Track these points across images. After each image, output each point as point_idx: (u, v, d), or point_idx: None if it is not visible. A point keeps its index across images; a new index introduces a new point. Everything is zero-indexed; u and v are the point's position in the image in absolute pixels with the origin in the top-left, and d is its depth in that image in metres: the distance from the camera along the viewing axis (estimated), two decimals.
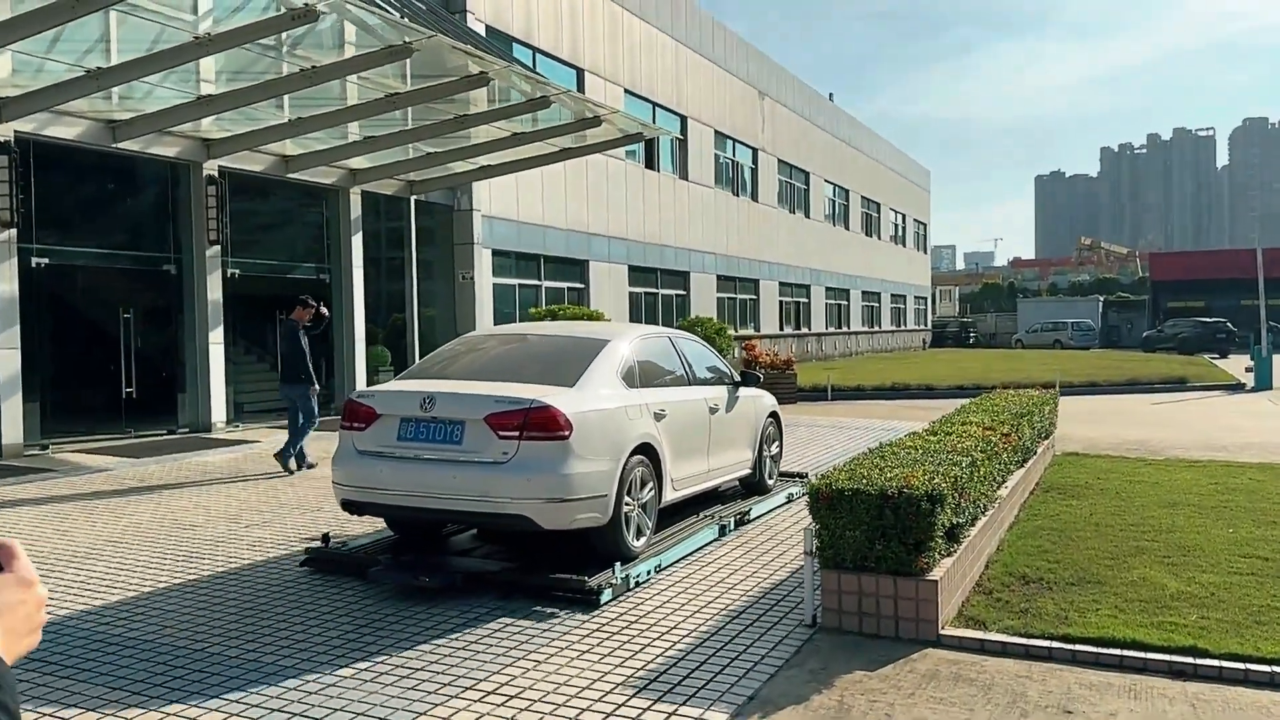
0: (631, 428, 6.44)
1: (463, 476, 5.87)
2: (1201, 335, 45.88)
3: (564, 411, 5.91)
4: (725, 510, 7.85)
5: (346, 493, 6.32)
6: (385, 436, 6.12)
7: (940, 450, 6.72)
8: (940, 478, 5.65)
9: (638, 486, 6.47)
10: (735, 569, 6.66)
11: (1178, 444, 13.59)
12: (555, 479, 5.80)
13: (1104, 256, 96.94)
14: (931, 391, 22.26)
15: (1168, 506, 8.58)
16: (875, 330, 48.61)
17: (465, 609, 5.68)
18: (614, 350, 6.82)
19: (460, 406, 5.99)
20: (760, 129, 34.41)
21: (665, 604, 5.84)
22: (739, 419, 8.28)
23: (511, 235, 20.71)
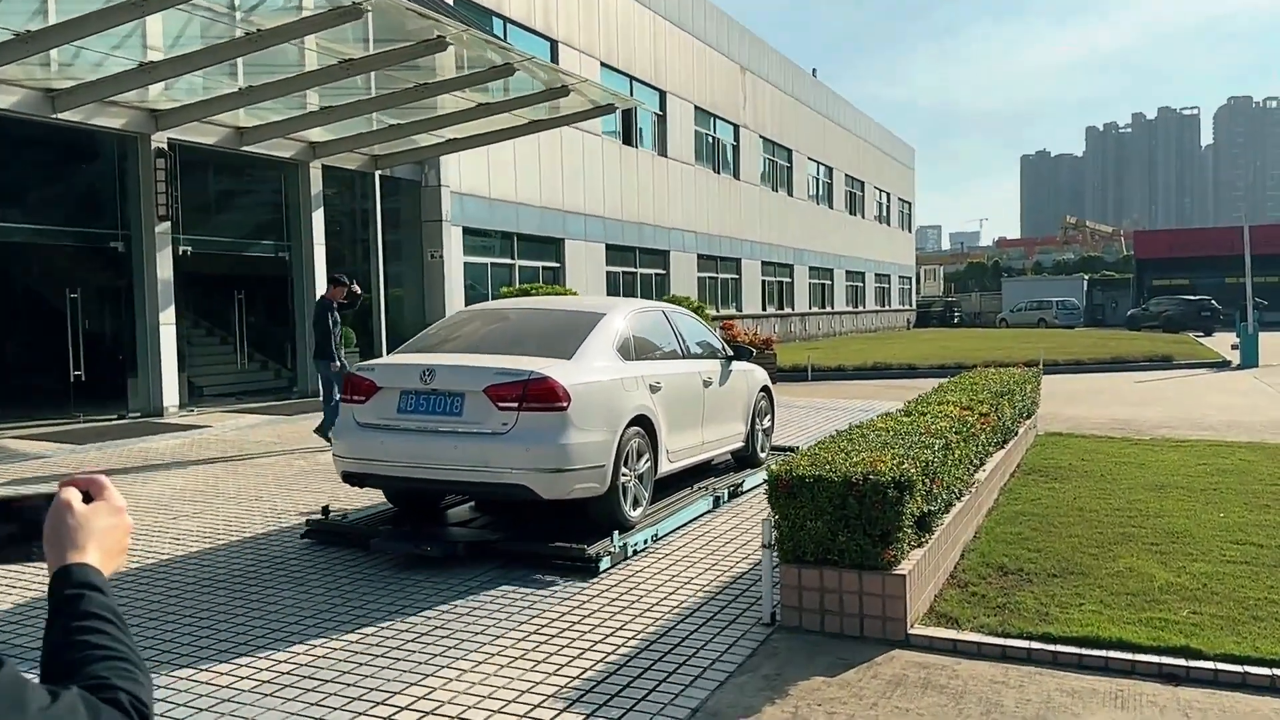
0: (628, 399, 6.51)
1: (463, 447, 5.93)
2: (1186, 313, 45.64)
3: (562, 383, 5.98)
4: (719, 482, 7.92)
5: (347, 465, 6.36)
6: (385, 409, 6.18)
7: (912, 432, 6.25)
8: (910, 462, 5.17)
9: (634, 457, 6.53)
10: (727, 540, 6.69)
11: (1164, 423, 13.18)
12: (554, 449, 5.86)
13: (1089, 235, 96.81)
14: (914, 371, 21.84)
15: (1155, 489, 8.15)
16: (859, 310, 48.20)
17: (467, 577, 5.74)
18: (610, 323, 6.88)
19: (460, 378, 6.06)
20: (742, 105, 33.80)
21: (658, 574, 5.88)
22: (732, 392, 8.38)
23: (483, 212, 20.12)
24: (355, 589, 5.61)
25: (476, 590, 5.53)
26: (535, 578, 5.69)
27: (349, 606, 5.31)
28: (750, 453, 8.82)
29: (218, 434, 11.93)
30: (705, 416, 7.76)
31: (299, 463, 9.85)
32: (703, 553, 6.38)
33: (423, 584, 5.66)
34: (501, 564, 5.95)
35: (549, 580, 5.65)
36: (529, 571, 5.79)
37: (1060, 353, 24.89)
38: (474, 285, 20.25)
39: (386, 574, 5.88)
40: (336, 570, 5.99)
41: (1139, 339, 34.12)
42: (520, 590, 5.51)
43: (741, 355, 8.76)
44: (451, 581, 5.67)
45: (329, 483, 8.74)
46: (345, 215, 17.81)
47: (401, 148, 17.16)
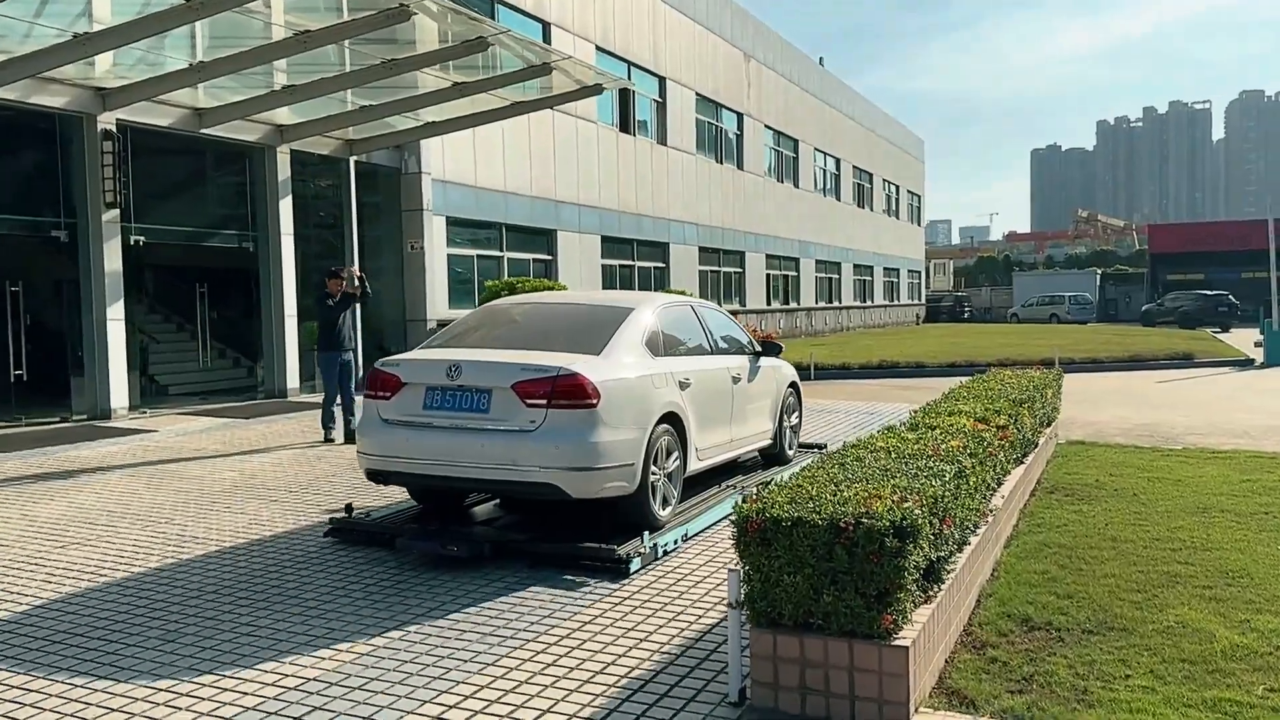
0: (657, 396, 6.36)
1: (490, 445, 5.79)
2: (1203, 308, 44.46)
3: (592, 379, 5.83)
4: (747, 480, 7.72)
5: (372, 462, 6.22)
6: (411, 405, 6.06)
7: (919, 454, 5.21)
8: (914, 498, 4.14)
9: (663, 455, 6.38)
10: None
11: (1193, 429, 12.12)
12: (584, 447, 5.74)
13: (1100, 229, 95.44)
14: (922, 369, 20.78)
15: (1198, 513, 7.10)
16: (867, 305, 47.06)
17: (495, 578, 5.56)
18: (638, 318, 6.71)
19: (487, 374, 5.94)
20: (746, 93, 32.70)
21: (687, 575, 5.67)
22: (761, 389, 8.21)
23: (468, 202, 19.09)
24: (382, 590, 5.39)
25: (504, 592, 5.32)
26: (565, 578, 5.51)
27: (375, 608, 5.08)
28: (778, 450, 8.64)
29: (160, 440, 10.95)
30: (734, 414, 7.60)
31: (229, 474, 8.85)
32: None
33: (449, 585, 5.45)
34: (529, 564, 5.77)
35: (579, 581, 5.46)
36: (557, 572, 5.62)
37: (1075, 350, 23.80)
38: (459, 278, 19.24)
39: (412, 574, 5.67)
40: (362, 571, 5.76)
41: (1156, 335, 32.98)
42: (551, 592, 5.30)
43: (770, 351, 8.53)
44: (479, 582, 5.48)
45: (256, 499, 7.74)
46: (317, 204, 16.79)
47: (377, 131, 16.15)
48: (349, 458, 9.68)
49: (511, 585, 5.45)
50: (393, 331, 17.78)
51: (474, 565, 5.78)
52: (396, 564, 5.90)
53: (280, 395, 15.06)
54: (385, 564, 5.90)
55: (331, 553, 6.19)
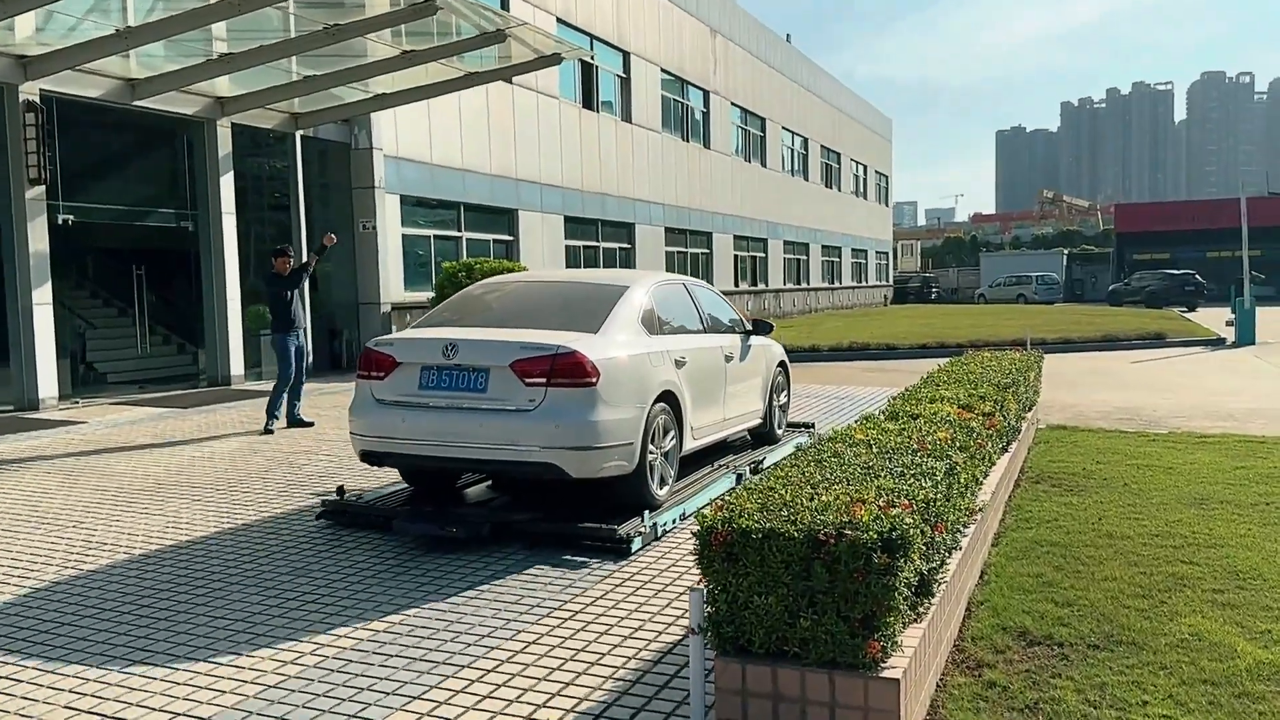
0: (655, 375, 6.27)
1: (489, 425, 5.69)
2: (1169, 288, 44.53)
3: (591, 357, 5.73)
4: (739, 460, 7.66)
5: (366, 443, 6.11)
6: (406, 385, 5.95)
7: (903, 447, 4.67)
8: (903, 503, 3.59)
9: (660, 435, 6.30)
10: None
11: (1175, 411, 11.73)
12: (584, 426, 5.64)
13: (1065, 210, 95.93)
14: (893, 351, 20.33)
15: (1195, 504, 6.63)
16: (836, 286, 46.68)
17: (493, 560, 5.47)
18: (633, 296, 6.60)
19: (484, 353, 5.83)
20: (712, 70, 32.03)
21: (688, 555, 5.43)
22: (752, 368, 8.11)
23: (424, 179, 18.33)
24: (378, 572, 5.26)
25: (506, 574, 5.21)
26: (565, 559, 5.43)
27: (372, 591, 4.95)
28: (768, 430, 8.52)
29: (88, 432, 10.22)
30: (727, 393, 7.50)
31: (155, 469, 8.17)
32: None
33: (446, 567, 5.33)
34: (527, 545, 5.68)
35: (580, 561, 5.38)
36: (557, 552, 5.53)
37: (1046, 330, 23.47)
38: (415, 260, 18.51)
39: (409, 556, 5.53)
40: (354, 554, 5.62)
41: (1125, 315, 32.83)
42: (554, 572, 5.22)
43: (760, 330, 8.44)
44: (477, 565, 5.36)
45: (178, 498, 7.07)
46: (262, 181, 15.99)
47: (324, 104, 15.36)
48: (287, 450, 9.03)
49: (511, 567, 5.33)
50: (344, 315, 17.04)
51: (472, 547, 5.66)
52: (392, 547, 5.74)
53: (224, 383, 14.32)
54: (382, 547, 5.74)
55: (321, 536, 6.02)
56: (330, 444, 9.39)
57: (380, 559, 5.52)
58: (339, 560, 5.53)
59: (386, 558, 5.54)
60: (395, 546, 5.74)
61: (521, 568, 5.31)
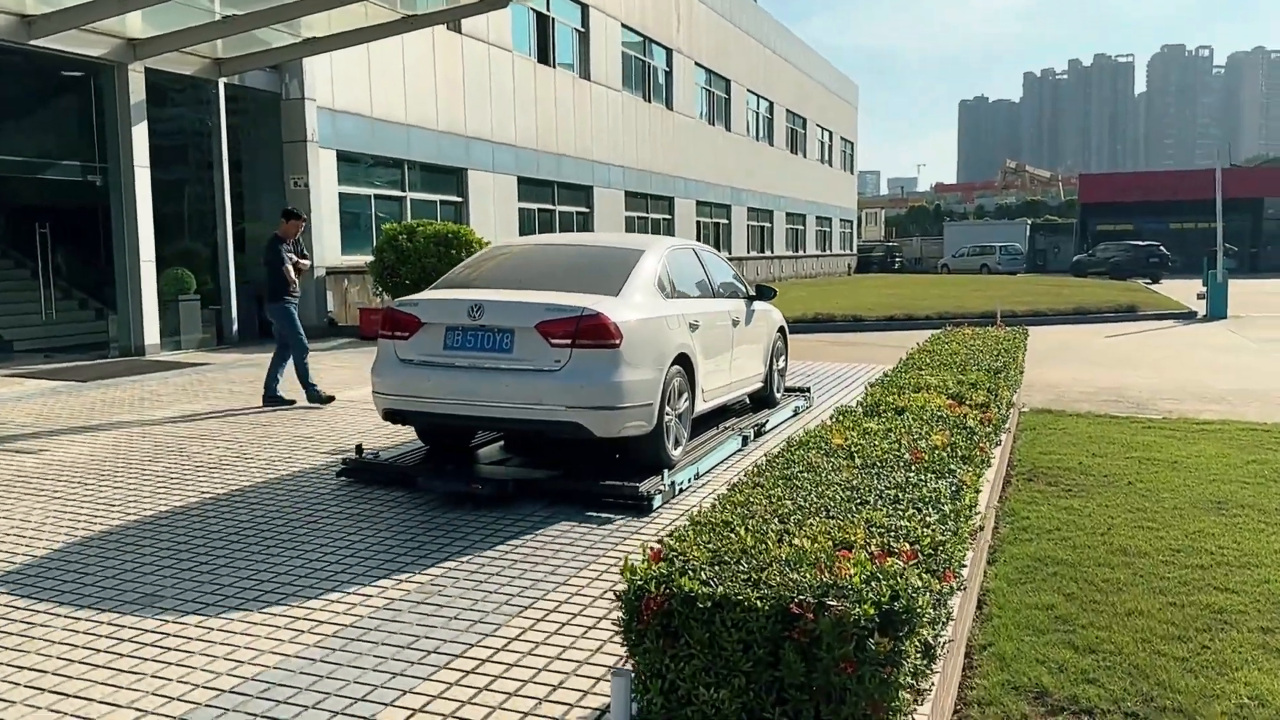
0: (672, 337, 6.36)
1: (515, 384, 5.78)
2: (1134, 259, 44.13)
3: (614, 319, 5.82)
4: (743, 423, 7.79)
5: (390, 402, 6.17)
6: (430, 345, 6.03)
7: (892, 458, 3.74)
8: (903, 547, 2.66)
9: (676, 396, 6.38)
10: None
11: (1162, 391, 10.97)
12: (608, 387, 5.74)
13: (1028, 180, 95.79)
14: (860, 324, 19.50)
15: (1214, 510, 5.80)
16: (800, 255, 45.82)
17: (519, 516, 5.45)
18: (649, 260, 6.69)
19: (510, 314, 5.89)
20: (676, 28, 30.80)
21: None
22: (755, 332, 8.23)
23: (362, 134, 17.08)
24: (409, 529, 5.24)
25: (533, 530, 5.21)
26: (590, 515, 5.48)
27: (406, 546, 4.91)
28: (768, 394, 8.61)
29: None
30: (734, 356, 7.62)
31: (25, 460, 7.04)
32: None
33: (474, 524, 5.32)
34: (548, 503, 5.68)
35: (605, 518, 5.44)
36: (579, 509, 5.57)
37: (1016, 302, 22.78)
38: (354, 221, 17.29)
39: (435, 513, 5.52)
40: (381, 511, 5.57)
41: (1092, 286, 32.31)
42: (582, 528, 5.25)
43: (763, 295, 8.62)
44: (505, 521, 5.36)
45: (38, 497, 5.98)
46: (180, 132, 14.67)
47: (249, 49, 14.08)
48: (173, 437, 7.93)
49: (538, 524, 5.32)
50: None
51: (493, 504, 5.63)
52: (416, 503, 5.71)
53: (137, 353, 13.11)
54: (405, 503, 5.72)
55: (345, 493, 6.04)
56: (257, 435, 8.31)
57: (408, 514, 5.49)
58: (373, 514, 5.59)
59: (414, 513, 5.50)
60: (419, 502, 5.71)
61: (548, 524, 5.30)
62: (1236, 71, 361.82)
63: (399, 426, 7.16)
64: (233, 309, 14.82)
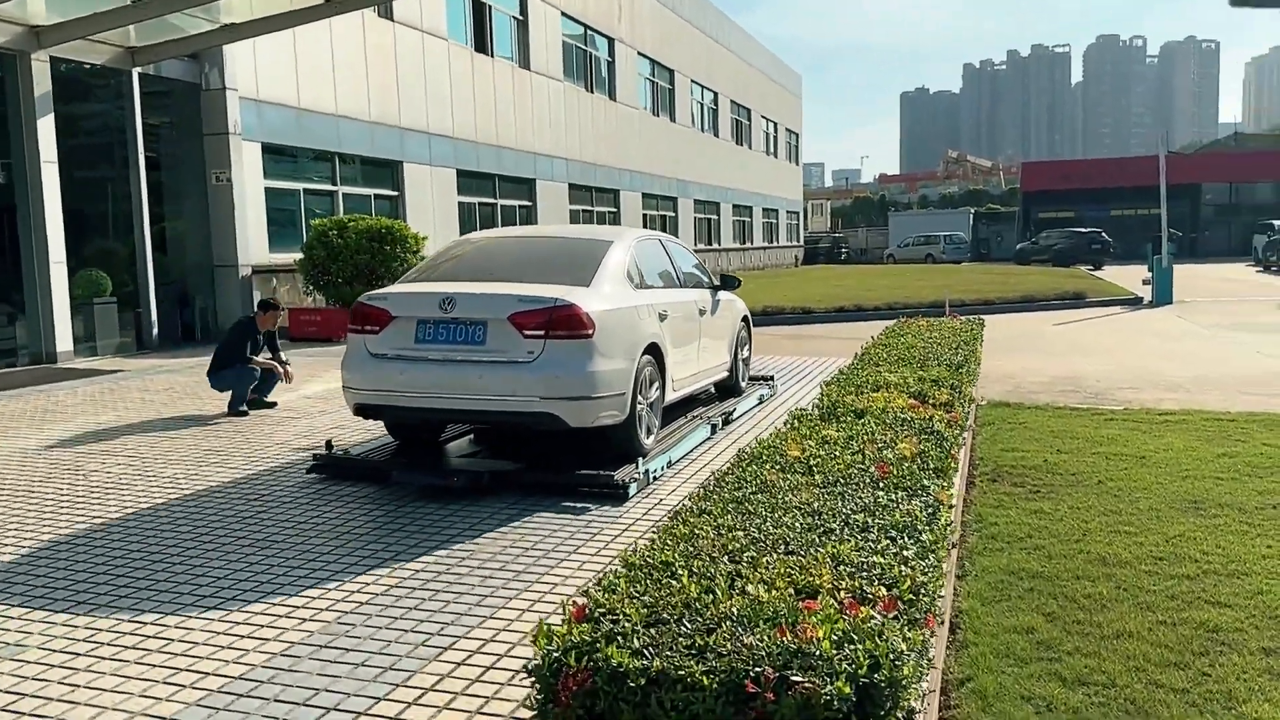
0: (643, 327, 6.41)
1: (489, 376, 5.77)
2: (1076, 246, 44.53)
3: (587, 310, 5.83)
4: (710, 411, 7.86)
5: (361, 396, 6.16)
6: (401, 339, 6.00)
7: (856, 473, 3.28)
8: (880, 594, 2.20)
9: (647, 385, 6.42)
10: None
11: (1118, 380, 10.73)
12: (581, 377, 5.76)
13: (969, 170, 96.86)
14: (810, 315, 19.15)
15: (1190, 510, 5.45)
16: (747, 247, 45.58)
17: (495, 509, 5.44)
18: (618, 251, 6.72)
19: (482, 306, 5.89)
20: (618, 17, 30.25)
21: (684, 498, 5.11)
22: (721, 321, 8.30)
23: (289, 125, 16.33)
24: (386, 523, 5.26)
25: (511, 521, 5.24)
26: (566, 505, 5.52)
27: (383, 542, 4.91)
28: (733, 382, 8.71)
29: None
30: (700, 346, 7.68)
31: None
32: None
33: (450, 517, 5.33)
34: (522, 493, 5.73)
35: (581, 507, 5.47)
36: (556, 500, 5.61)
37: (963, 291, 22.63)
38: (282, 217, 16.53)
39: (409, 508, 5.51)
40: (351, 506, 5.59)
41: (1037, 274, 32.41)
42: (561, 518, 5.29)
43: (727, 285, 8.65)
44: (482, 513, 5.37)
45: None
46: (92, 126, 13.86)
47: (165, 36, 13.30)
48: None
49: (517, 514, 5.35)
50: (198, 280, 15.04)
51: (471, 496, 5.65)
52: (388, 497, 5.73)
53: (49, 360, 12.31)
54: (379, 498, 5.73)
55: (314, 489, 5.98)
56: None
57: (383, 508, 5.51)
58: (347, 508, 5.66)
59: (387, 507, 5.52)
60: (393, 497, 5.72)
61: (527, 514, 5.34)
62: (1169, 61, 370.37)
63: (306, 431, 6.96)
64: (152, 312, 14.03)
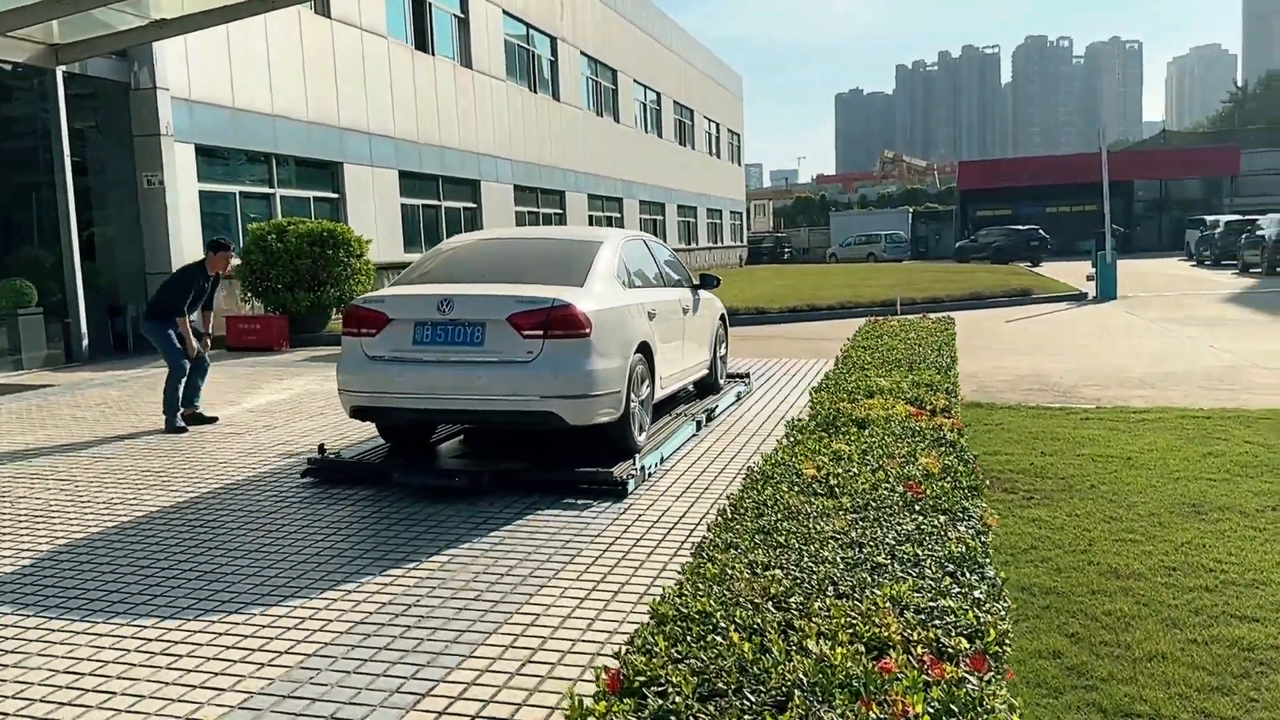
0: (635, 326, 6.51)
1: (488, 377, 5.82)
2: (1015, 243, 45.18)
3: (583, 309, 5.90)
4: (693, 409, 7.99)
5: (359, 399, 6.18)
6: (399, 341, 6.03)
7: (884, 497, 2.98)
8: (962, 648, 1.89)
9: (639, 383, 6.51)
10: (718, 456, 6.68)
11: (1083, 378, 10.65)
12: (580, 376, 5.83)
13: (905, 169, 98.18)
14: (763, 316, 18.94)
15: (1192, 513, 5.27)
16: (692, 247, 45.42)
17: (500, 509, 5.47)
18: (607, 252, 6.81)
19: (480, 308, 5.93)
20: (559, 16, 29.84)
21: (685, 490, 5.80)
22: (702, 320, 8.46)
23: (223, 126, 15.67)
24: (388, 525, 5.22)
25: (519, 517, 5.28)
26: (568, 502, 5.58)
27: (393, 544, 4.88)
28: (713, 380, 8.87)
29: None
30: (684, 344, 7.82)
31: None
32: (717, 466, 6.37)
33: (454, 517, 5.33)
34: (523, 492, 5.77)
35: (584, 504, 5.54)
36: (557, 497, 5.65)
37: (911, 289, 22.63)
38: (217, 221, 15.85)
39: (411, 509, 5.51)
40: (352, 509, 5.58)
41: (980, 271, 32.67)
42: (566, 514, 5.33)
43: (706, 284, 8.82)
44: (488, 513, 5.39)
45: None
46: (13, 128, 13.09)
47: (90, 32, 12.61)
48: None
49: (522, 511, 5.41)
50: (130, 286, 14.32)
51: (471, 496, 5.69)
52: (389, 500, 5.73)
53: None
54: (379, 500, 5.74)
55: None
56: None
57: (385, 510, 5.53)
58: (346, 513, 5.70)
59: (389, 510, 5.53)
60: (393, 499, 5.73)
61: (532, 511, 5.39)
62: (1095, 61, 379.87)
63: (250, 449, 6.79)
64: (82, 322, 13.31)
